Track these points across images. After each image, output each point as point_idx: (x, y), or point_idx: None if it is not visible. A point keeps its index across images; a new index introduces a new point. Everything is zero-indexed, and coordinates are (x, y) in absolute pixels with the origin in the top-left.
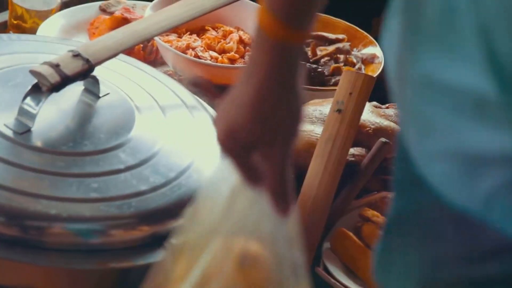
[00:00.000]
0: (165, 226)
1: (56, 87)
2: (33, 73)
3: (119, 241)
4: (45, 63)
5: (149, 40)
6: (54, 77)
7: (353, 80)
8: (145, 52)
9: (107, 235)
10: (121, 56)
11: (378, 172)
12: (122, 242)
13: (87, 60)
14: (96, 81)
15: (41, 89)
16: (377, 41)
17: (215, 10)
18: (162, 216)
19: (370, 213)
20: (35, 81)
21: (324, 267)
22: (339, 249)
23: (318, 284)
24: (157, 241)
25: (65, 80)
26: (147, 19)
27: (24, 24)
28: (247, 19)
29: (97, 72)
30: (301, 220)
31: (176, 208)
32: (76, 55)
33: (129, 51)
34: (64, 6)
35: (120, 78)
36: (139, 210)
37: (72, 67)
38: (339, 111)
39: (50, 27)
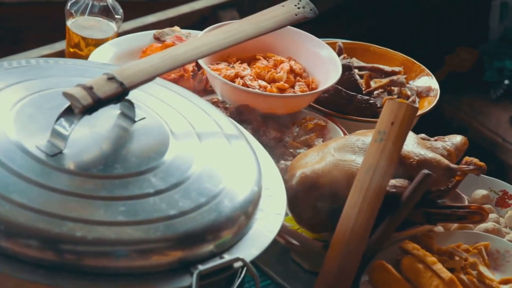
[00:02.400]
0: (193, 251)
1: (89, 110)
2: (66, 95)
3: (145, 265)
4: (78, 85)
5: (188, 64)
6: (86, 100)
7: (395, 110)
8: (195, 80)
9: (132, 259)
10: (161, 81)
11: (420, 205)
12: (148, 267)
13: (121, 84)
14: (131, 105)
15: (73, 112)
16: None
17: (255, 38)
18: (190, 241)
19: (411, 246)
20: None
21: None
22: (378, 282)
23: None
24: (185, 266)
25: (98, 103)
26: (186, 44)
27: (81, 52)
28: (299, 49)
29: (135, 96)
30: (338, 251)
31: (205, 233)
32: (111, 78)
33: (179, 80)
34: (121, 35)
35: (158, 103)
36: (166, 235)
37: (105, 90)
38: (380, 141)
39: (102, 54)
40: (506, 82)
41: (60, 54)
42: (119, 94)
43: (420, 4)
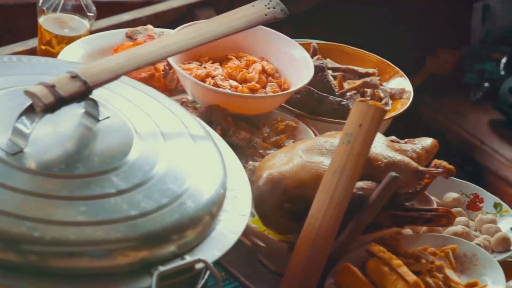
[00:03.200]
0: (154, 252)
1: (51, 108)
2: (27, 93)
3: (105, 266)
4: (40, 83)
5: (152, 64)
6: (48, 98)
7: (363, 112)
8: (166, 79)
9: (92, 260)
10: (129, 80)
11: (388, 207)
12: (108, 268)
13: (84, 82)
14: (95, 104)
15: (35, 110)
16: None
17: (224, 37)
18: (151, 242)
19: (376, 248)
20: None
21: None
22: (343, 285)
23: None
24: (146, 267)
25: (60, 101)
26: (153, 44)
27: (52, 50)
28: (271, 49)
29: (101, 95)
30: (303, 253)
31: (166, 234)
32: (74, 77)
33: (150, 79)
34: (95, 33)
35: (125, 102)
36: (127, 235)
37: (68, 88)
38: (348, 143)
39: (72, 52)
40: (486, 84)
41: (33, 51)
42: (82, 93)
43: (402, 5)
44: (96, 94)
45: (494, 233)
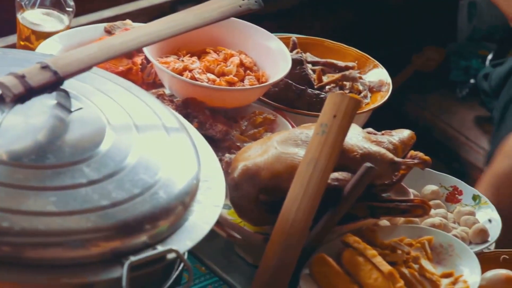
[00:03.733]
0: (125, 242)
1: (21, 99)
2: None
3: (75, 256)
4: (10, 74)
5: (126, 55)
6: (17, 88)
7: (338, 103)
8: (144, 73)
9: (62, 250)
10: (103, 72)
11: (364, 198)
12: (79, 258)
13: (55, 72)
14: (67, 94)
15: (4, 100)
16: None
17: (198, 29)
18: (122, 232)
19: (352, 239)
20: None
21: None
22: (318, 275)
23: None
24: (117, 257)
25: (30, 92)
26: (126, 34)
27: (31, 46)
28: (249, 42)
29: (74, 86)
30: (278, 244)
31: (138, 224)
32: (45, 67)
33: (127, 73)
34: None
35: (98, 94)
36: (98, 225)
37: (38, 78)
38: (322, 133)
39: (50, 47)
40: (472, 81)
41: (12, 48)
42: (53, 83)
43: (388, 3)
44: (69, 86)
45: (472, 224)
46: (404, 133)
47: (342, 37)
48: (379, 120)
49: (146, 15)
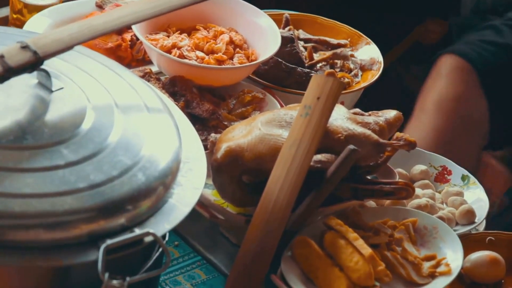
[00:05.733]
0: (101, 225)
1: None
2: None
3: (51, 238)
4: None
5: (106, 35)
6: None
7: (321, 85)
8: (133, 50)
9: (37, 232)
10: (87, 51)
11: (348, 180)
12: (54, 240)
13: (35, 52)
14: (48, 74)
15: None
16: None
17: (182, 8)
18: (98, 215)
19: (334, 221)
20: None
21: (281, 275)
22: (300, 257)
23: None
24: (94, 240)
25: (9, 72)
26: (109, 14)
27: (23, 19)
28: (239, 19)
29: (56, 66)
30: (259, 225)
31: (115, 207)
32: (24, 47)
33: (116, 49)
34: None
35: (80, 73)
36: (74, 208)
37: (17, 58)
38: (305, 115)
39: (38, 22)
40: None
41: (5, 20)
42: (33, 63)
43: None
44: (51, 65)
45: (459, 205)
46: (390, 114)
47: (342, 7)
48: (378, 94)
49: None
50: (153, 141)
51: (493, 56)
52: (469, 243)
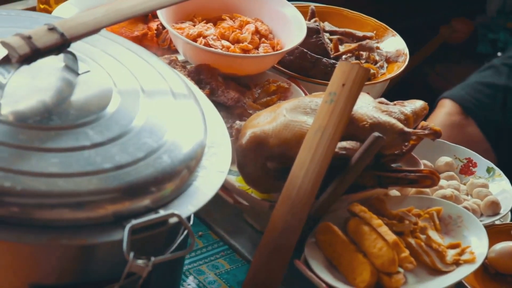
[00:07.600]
0: (127, 206)
1: (27, 59)
2: (3, 44)
3: (76, 218)
4: (16, 34)
5: (141, 20)
6: (23, 49)
7: (347, 72)
8: (159, 39)
9: (63, 211)
10: (115, 36)
11: (372, 168)
12: (80, 220)
13: (62, 34)
14: (74, 57)
15: (11, 61)
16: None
17: None
18: (124, 195)
19: (358, 208)
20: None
21: (305, 260)
22: (323, 243)
23: (297, 276)
24: (119, 220)
25: (36, 53)
26: None
27: (51, 9)
28: (265, 9)
29: (83, 49)
30: (283, 210)
31: (140, 188)
32: (52, 29)
33: (143, 38)
34: None
35: (107, 57)
36: (99, 188)
37: (44, 40)
38: (330, 102)
39: (66, 10)
40: (499, 54)
41: (32, 10)
42: (59, 45)
43: None
44: (78, 49)
45: (484, 196)
46: (416, 104)
47: (370, 8)
48: (402, 90)
49: None
50: (179, 125)
51: (489, 98)
52: (494, 233)
